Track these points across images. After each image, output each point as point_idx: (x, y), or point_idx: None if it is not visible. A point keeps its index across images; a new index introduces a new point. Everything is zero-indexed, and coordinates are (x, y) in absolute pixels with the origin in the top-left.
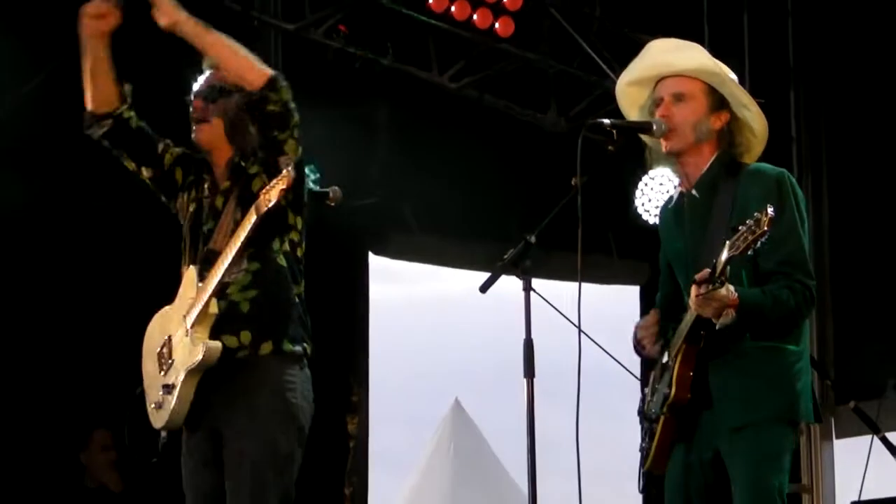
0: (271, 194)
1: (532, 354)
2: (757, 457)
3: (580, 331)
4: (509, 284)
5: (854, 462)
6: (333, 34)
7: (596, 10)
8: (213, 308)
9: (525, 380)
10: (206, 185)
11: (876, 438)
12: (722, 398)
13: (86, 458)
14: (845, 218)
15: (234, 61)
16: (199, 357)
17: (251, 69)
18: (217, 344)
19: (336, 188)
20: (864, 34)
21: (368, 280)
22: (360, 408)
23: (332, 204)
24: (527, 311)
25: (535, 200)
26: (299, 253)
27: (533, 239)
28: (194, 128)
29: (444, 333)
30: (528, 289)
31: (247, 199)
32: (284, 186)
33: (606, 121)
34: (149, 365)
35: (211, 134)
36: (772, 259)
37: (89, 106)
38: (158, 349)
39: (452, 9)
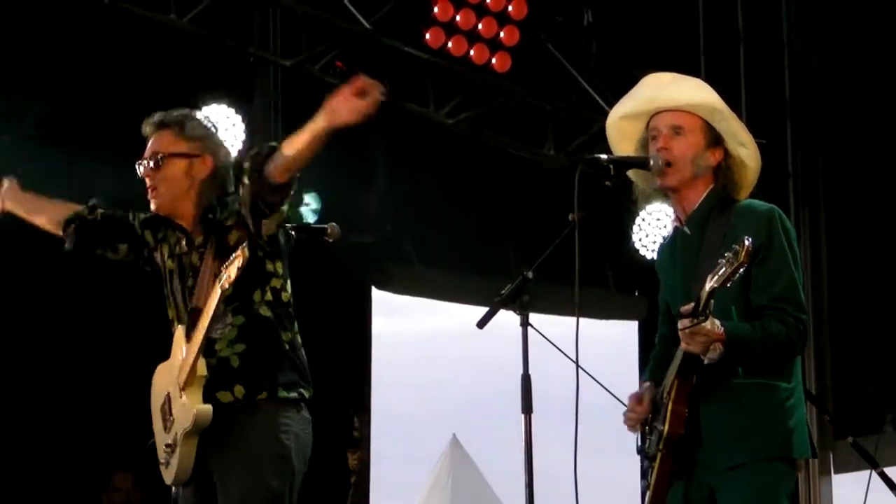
0: (230, 271)
1: (530, 389)
2: (753, 495)
3: (577, 366)
4: (507, 319)
5: (853, 497)
6: (330, 70)
7: (592, 46)
8: (202, 370)
9: (523, 415)
10: (183, 242)
11: (874, 473)
12: (713, 436)
13: (107, 499)
14: (843, 253)
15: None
16: (190, 424)
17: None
18: (207, 408)
19: (334, 224)
20: (861, 69)
21: (371, 315)
22: (361, 443)
23: (330, 240)
24: (524, 346)
25: (533, 235)
26: (284, 297)
27: (530, 274)
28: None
29: (443, 367)
30: (525, 324)
31: (224, 252)
32: (240, 265)
33: (604, 156)
34: (156, 421)
35: (163, 199)
36: (764, 295)
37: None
38: (161, 405)
39: (449, 45)
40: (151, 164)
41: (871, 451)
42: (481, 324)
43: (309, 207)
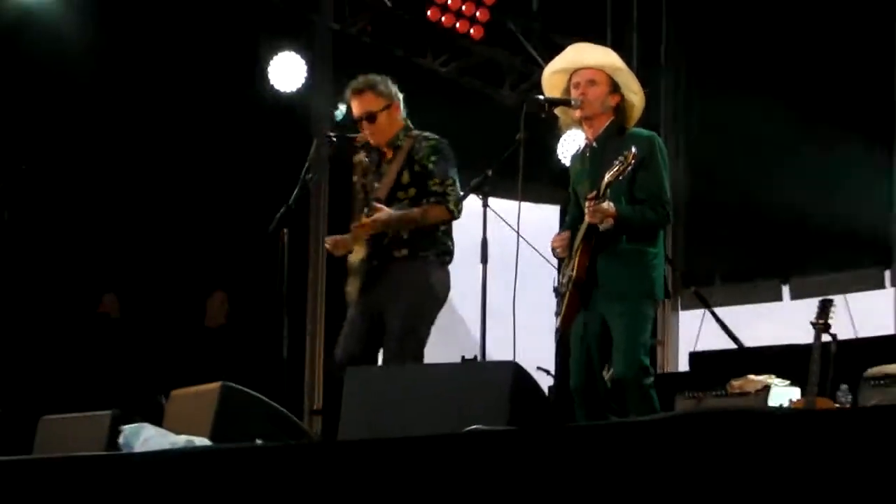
0: None
1: (486, 248)
2: (629, 320)
3: (518, 234)
4: (474, 201)
5: (691, 326)
6: (363, 33)
7: (538, 23)
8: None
9: (481, 265)
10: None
11: (707, 312)
12: (605, 280)
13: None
14: (698, 162)
15: (425, 223)
16: None
17: (438, 218)
18: None
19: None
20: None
21: None
22: None
23: (358, 144)
24: (484, 219)
25: (495, 148)
26: None
27: (490, 172)
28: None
29: None
30: (485, 205)
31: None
32: None
33: (541, 97)
34: None
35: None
36: (643, 192)
37: None
38: None
39: (443, 19)
40: (366, 120)
41: (706, 297)
42: None
43: (339, 111)
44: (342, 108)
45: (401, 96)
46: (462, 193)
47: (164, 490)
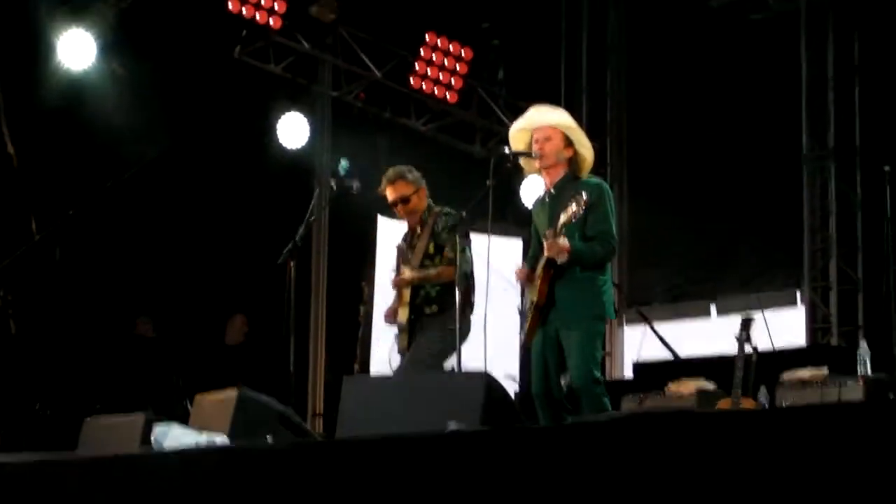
0: None
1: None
2: (583, 338)
3: (488, 264)
4: None
5: (635, 340)
6: (357, 99)
7: (503, 90)
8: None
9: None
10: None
11: (648, 327)
12: (562, 304)
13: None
14: (637, 205)
15: (439, 280)
16: None
17: (449, 277)
18: None
19: (357, 182)
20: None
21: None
22: (368, 300)
23: (354, 192)
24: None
25: (468, 193)
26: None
27: (464, 213)
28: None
29: None
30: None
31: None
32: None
33: (507, 150)
34: None
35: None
36: (593, 230)
37: None
38: None
39: (423, 86)
40: (401, 203)
41: (647, 315)
42: None
43: (341, 166)
44: (344, 163)
45: (424, 182)
46: (470, 256)
47: (189, 479)
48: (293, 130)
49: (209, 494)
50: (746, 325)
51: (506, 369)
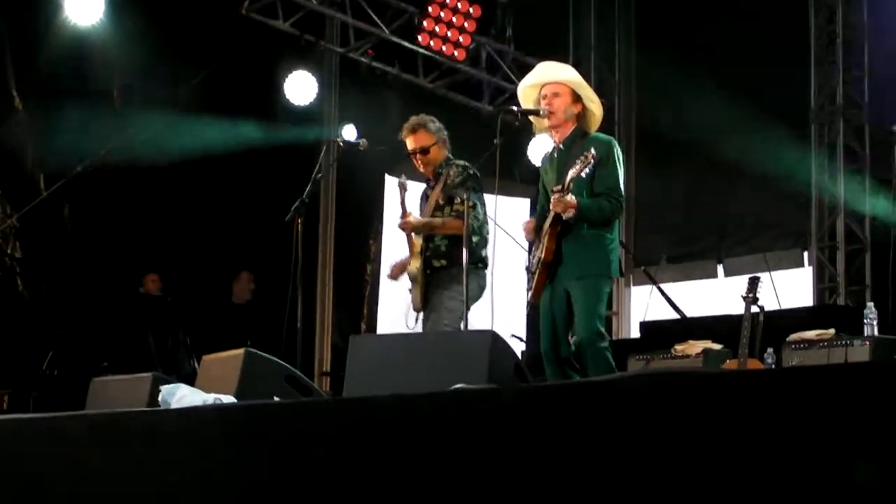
0: None
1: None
2: (589, 295)
3: (495, 223)
4: None
5: (642, 300)
6: (364, 55)
7: (511, 47)
8: None
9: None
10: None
11: (655, 287)
12: (569, 260)
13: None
14: (646, 166)
15: (444, 231)
16: None
17: (455, 229)
18: None
19: (364, 140)
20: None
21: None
22: (375, 258)
23: (362, 150)
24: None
25: (476, 152)
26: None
27: (473, 170)
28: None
29: None
30: (468, 199)
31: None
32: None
33: (515, 108)
34: None
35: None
36: (601, 186)
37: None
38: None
39: (431, 43)
40: (420, 153)
41: (653, 275)
42: None
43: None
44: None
45: (445, 133)
46: (482, 211)
47: (196, 439)
48: (301, 87)
49: (215, 453)
50: (753, 285)
51: (512, 330)
